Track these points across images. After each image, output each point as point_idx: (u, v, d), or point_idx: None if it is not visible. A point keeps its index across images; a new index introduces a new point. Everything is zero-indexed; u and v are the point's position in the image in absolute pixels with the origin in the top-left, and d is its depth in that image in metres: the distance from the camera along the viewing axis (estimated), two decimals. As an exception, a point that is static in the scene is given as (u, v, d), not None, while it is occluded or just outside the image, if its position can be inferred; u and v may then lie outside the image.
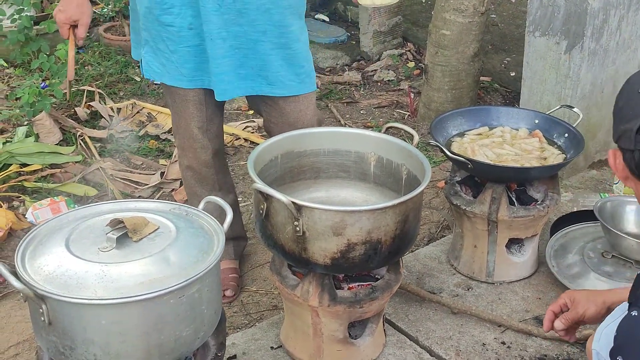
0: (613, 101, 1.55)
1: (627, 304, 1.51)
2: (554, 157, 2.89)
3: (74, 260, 1.85)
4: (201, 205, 2.18)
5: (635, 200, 1.52)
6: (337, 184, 2.70)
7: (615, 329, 1.47)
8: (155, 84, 4.88)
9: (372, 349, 2.57)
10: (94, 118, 4.39)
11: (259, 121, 4.38)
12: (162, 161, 4.03)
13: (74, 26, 2.65)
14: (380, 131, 2.67)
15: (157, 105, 4.52)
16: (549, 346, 2.66)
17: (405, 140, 2.64)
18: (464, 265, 3.03)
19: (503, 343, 2.68)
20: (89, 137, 4.13)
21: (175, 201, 3.66)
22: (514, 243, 2.99)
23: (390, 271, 2.50)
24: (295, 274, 2.49)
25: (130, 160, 4.05)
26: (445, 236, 3.36)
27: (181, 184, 3.73)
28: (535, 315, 2.81)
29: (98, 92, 4.52)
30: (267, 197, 2.27)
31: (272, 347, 2.64)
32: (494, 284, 2.98)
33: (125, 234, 1.93)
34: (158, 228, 2.01)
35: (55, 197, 3.57)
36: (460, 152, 2.90)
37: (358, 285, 2.48)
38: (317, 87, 4.92)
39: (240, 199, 3.69)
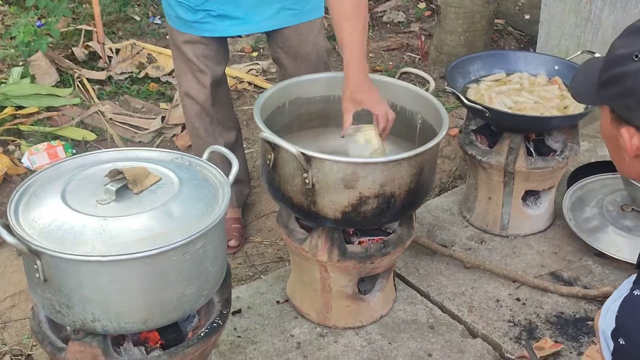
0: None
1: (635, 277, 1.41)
2: (575, 105, 2.75)
3: (71, 213, 1.75)
4: (205, 155, 2.07)
5: None
6: (348, 133, 2.57)
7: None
8: (155, 23, 4.70)
9: (382, 305, 2.48)
10: (92, 59, 4.21)
11: (264, 64, 4.21)
12: (162, 105, 3.87)
13: None
14: (393, 77, 2.53)
15: (158, 46, 4.34)
16: (565, 303, 2.56)
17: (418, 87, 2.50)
18: (477, 217, 2.91)
19: (518, 299, 2.58)
20: (87, 78, 3.96)
21: (177, 147, 3.53)
22: (530, 195, 2.87)
23: (403, 225, 2.39)
24: (303, 227, 2.38)
25: (130, 103, 3.90)
26: (457, 186, 3.24)
27: (183, 129, 3.60)
28: (551, 271, 2.71)
29: (96, 32, 4.32)
30: (274, 147, 2.14)
31: (277, 302, 2.54)
32: (508, 237, 2.87)
33: (125, 185, 1.83)
34: (160, 179, 1.91)
35: (52, 142, 3.44)
36: (476, 99, 2.76)
37: (369, 240, 2.37)
38: (325, 29, 4.73)
39: (245, 145, 3.55)
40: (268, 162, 2.20)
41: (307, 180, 2.11)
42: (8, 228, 1.71)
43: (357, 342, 2.40)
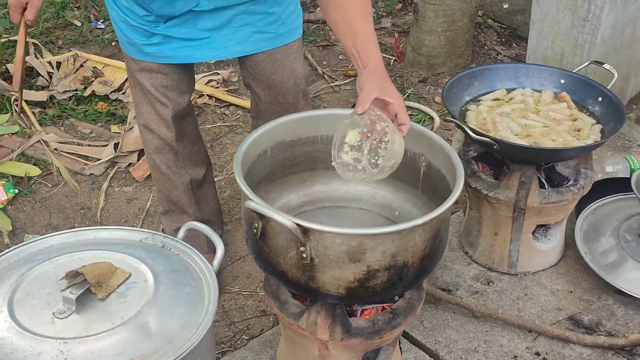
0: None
1: None
2: (589, 128, 2.45)
3: (22, 335, 1.44)
4: (180, 234, 1.74)
5: None
6: (338, 176, 2.20)
7: None
8: (99, 28, 4.24)
9: (389, 376, 2.16)
10: (30, 75, 3.71)
11: (224, 73, 3.80)
12: (114, 128, 3.43)
13: (24, 9, 2.21)
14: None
15: (103, 57, 3.89)
16: (590, 355, 2.28)
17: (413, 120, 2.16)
18: (482, 254, 2.61)
19: (537, 354, 2.29)
20: (26, 101, 3.50)
21: (134, 179, 3.14)
22: (539, 227, 2.56)
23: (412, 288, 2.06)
24: (296, 296, 2.04)
25: (77, 128, 3.44)
26: (453, 212, 2.92)
27: (139, 157, 3.19)
28: (569, 315, 2.43)
29: (33, 42, 3.85)
30: (262, 215, 1.79)
31: (268, 376, 2.21)
32: (517, 275, 2.58)
33: (87, 288, 1.49)
34: (130, 276, 1.58)
35: (-10, 182, 3.01)
36: (478, 125, 2.44)
37: (374, 308, 2.04)
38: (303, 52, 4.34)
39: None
40: (255, 230, 1.84)
41: (304, 255, 1.76)
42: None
43: (363, 422, 2.08)
